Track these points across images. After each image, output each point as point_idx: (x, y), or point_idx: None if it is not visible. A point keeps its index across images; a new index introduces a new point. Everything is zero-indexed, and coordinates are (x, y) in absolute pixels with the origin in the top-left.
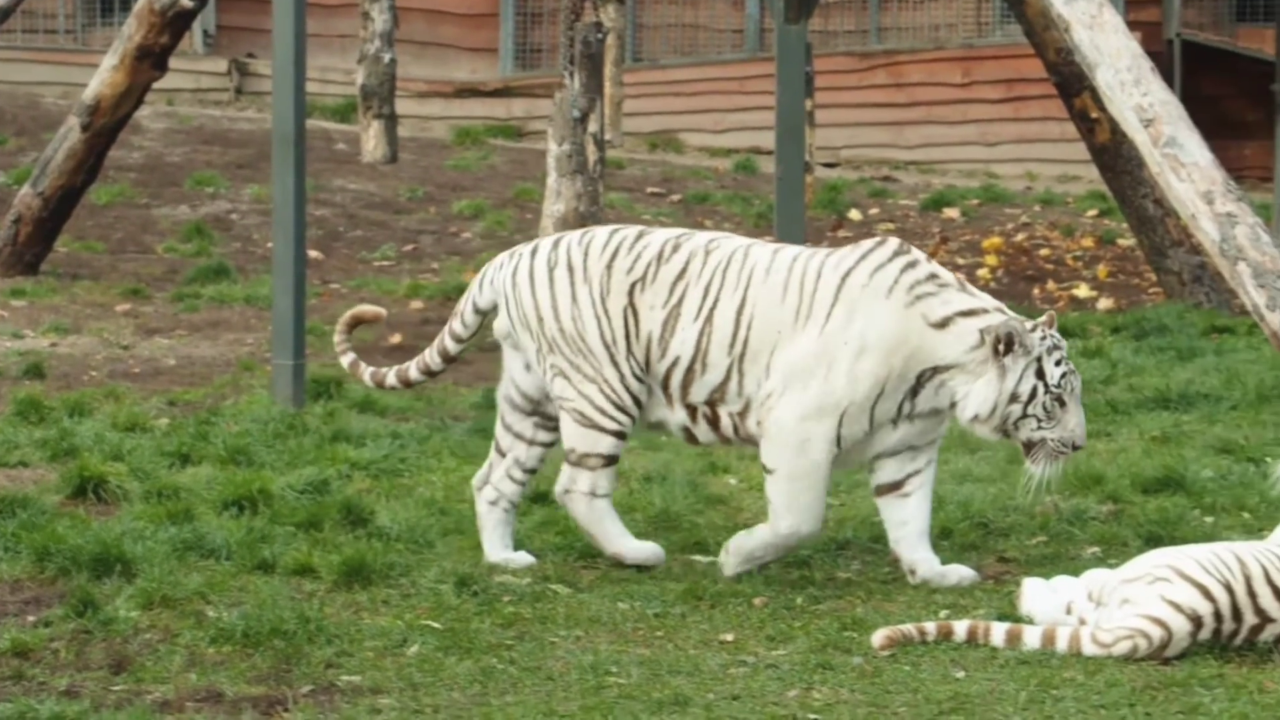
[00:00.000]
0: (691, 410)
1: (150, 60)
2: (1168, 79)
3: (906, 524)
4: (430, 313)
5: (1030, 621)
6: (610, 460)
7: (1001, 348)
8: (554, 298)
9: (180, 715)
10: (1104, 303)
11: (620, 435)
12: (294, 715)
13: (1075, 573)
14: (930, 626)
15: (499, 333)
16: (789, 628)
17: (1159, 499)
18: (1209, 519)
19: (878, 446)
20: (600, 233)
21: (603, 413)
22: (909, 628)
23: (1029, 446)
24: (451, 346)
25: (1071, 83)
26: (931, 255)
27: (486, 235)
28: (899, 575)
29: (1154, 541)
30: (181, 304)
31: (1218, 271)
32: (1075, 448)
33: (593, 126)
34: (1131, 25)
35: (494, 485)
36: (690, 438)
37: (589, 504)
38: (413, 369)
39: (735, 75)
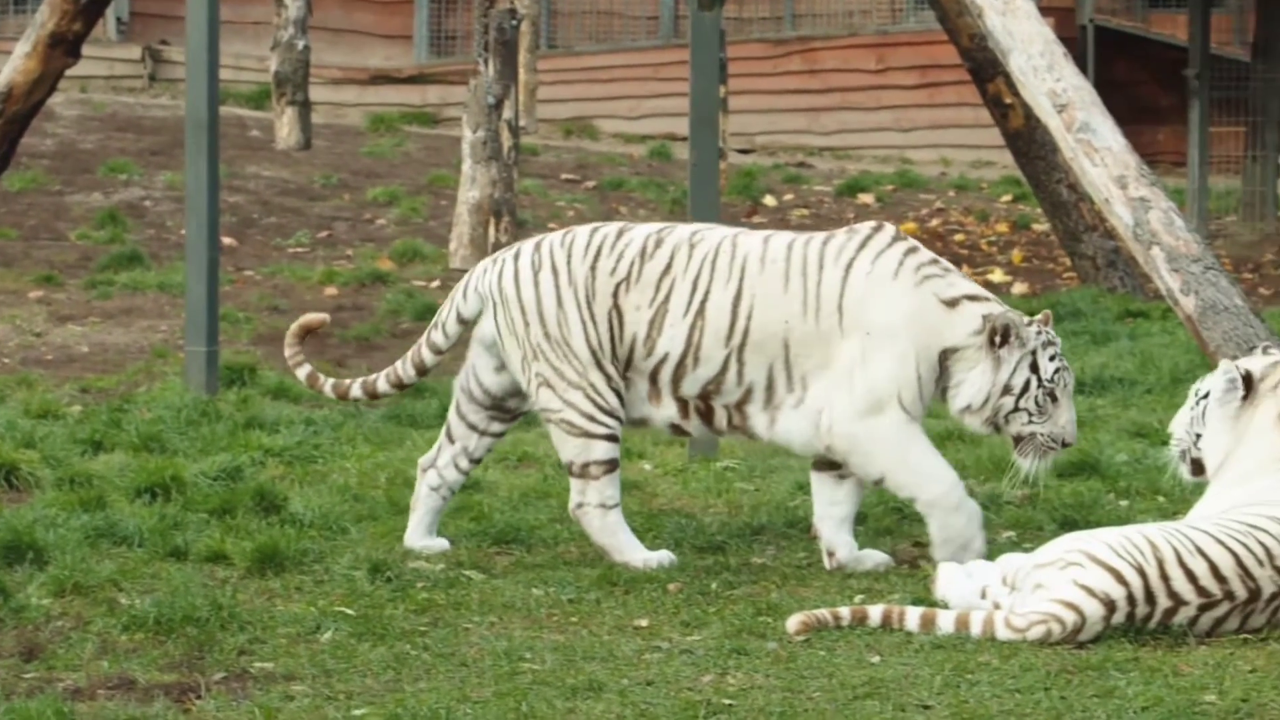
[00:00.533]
0: (683, 404)
1: (63, 47)
2: (1081, 65)
3: (837, 505)
4: (344, 299)
5: (945, 606)
6: (611, 465)
7: (998, 339)
8: (539, 302)
9: (92, 703)
10: (1018, 288)
11: (612, 439)
12: (206, 703)
13: (990, 557)
14: (845, 611)
15: (483, 340)
16: (704, 613)
17: (1074, 483)
18: (1123, 502)
19: None
20: (581, 232)
21: (591, 419)
22: (824, 613)
23: (1018, 441)
24: (429, 359)
25: (985, 69)
26: None
27: (401, 222)
28: (814, 560)
29: (1068, 525)
30: (95, 291)
31: (1132, 256)
32: (1065, 444)
33: (507, 113)
34: (1044, 11)
35: (439, 471)
36: (678, 432)
37: (603, 518)
38: (381, 381)
39: (650, 62)
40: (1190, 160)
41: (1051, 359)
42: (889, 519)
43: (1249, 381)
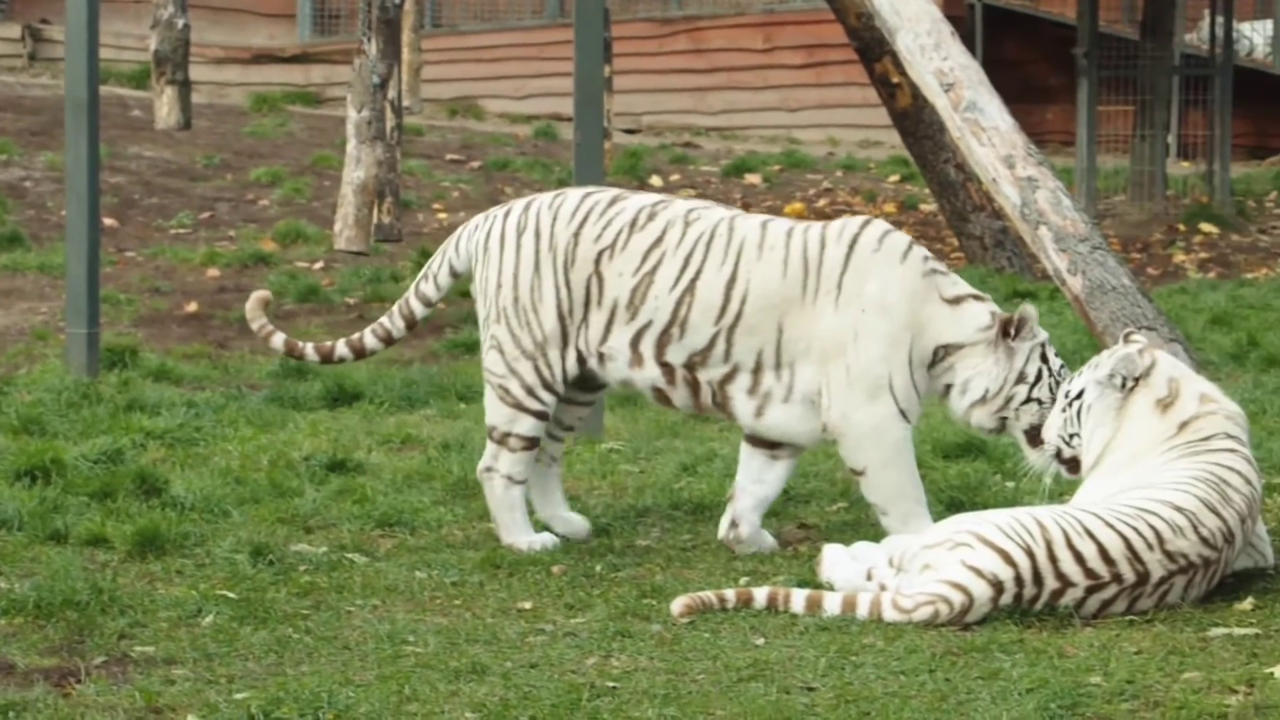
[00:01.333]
0: (668, 370)
1: None
2: (969, 44)
3: (761, 485)
4: (227, 280)
5: (831, 588)
6: (531, 443)
7: (1013, 330)
8: (517, 264)
9: None
10: None
11: (542, 416)
12: (87, 687)
13: (876, 539)
14: (730, 594)
15: None
16: (588, 595)
17: (960, 464)
18: (1010, 484)
19: None
20: (572, 196)
21: (530, 393)
22: (708, 595)
23: (1030, 435)
24: (418, 309)
25: (872, 48)
26: None
27: (284, 203)
28: (699, 542)
29: (956, 507)
30: None
31: (1019, 236)
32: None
33: (391, 93)
34: None
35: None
36: (662, 398)
37: (505, 489)
38: (369, 336)
39: (535, 41)
40: (1079, 139)
41: (1055, 354)
42: (775, 501)
43: (1131, 377)
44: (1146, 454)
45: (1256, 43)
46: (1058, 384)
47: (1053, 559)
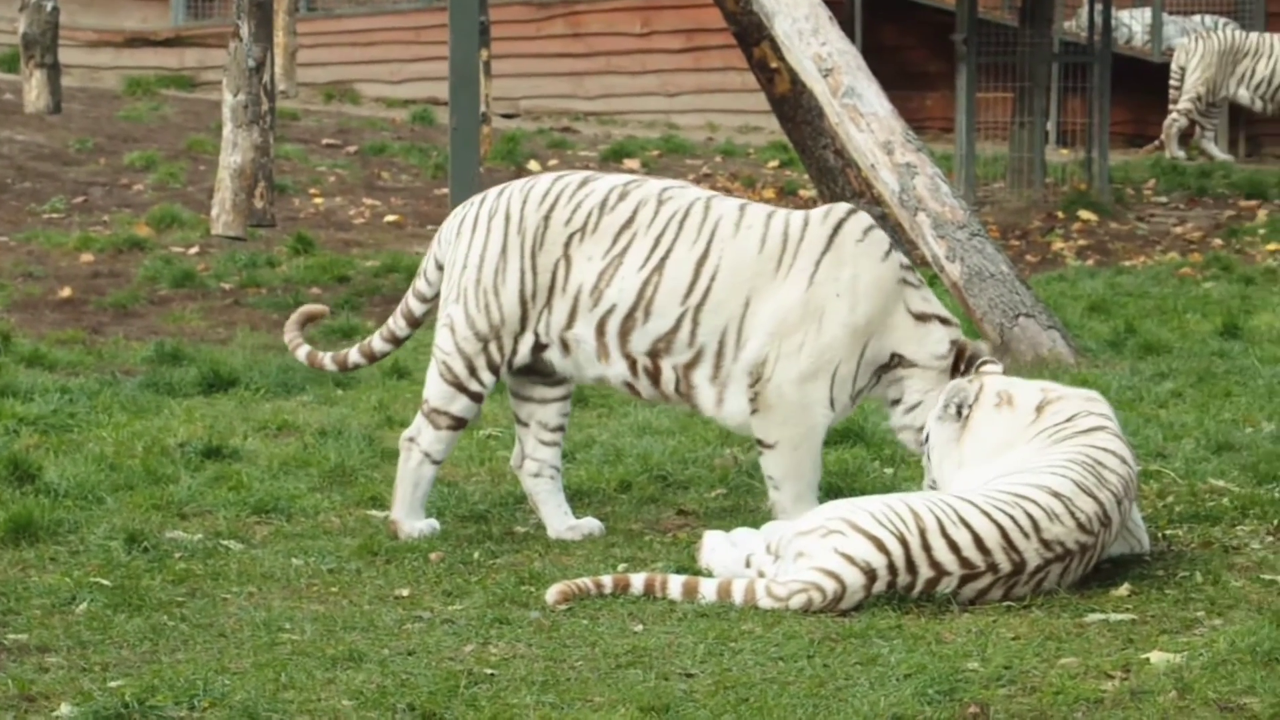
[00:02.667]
0: (632, 362)
1: None
2: (849, 29)
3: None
4: (101, 266)
5: (709, 574)
6: (459, 424)
7: (963, 366)
8: (485, 247)
9: None
10: None
11: (478, 399)
12: None
13: (755, 525)
14: (608, 580)
15: None
16: (466, 583)
17: (838, 451)
18: (888, 470)
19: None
20: (543, 180)
21: (472, 374)
22: (586, 581)
23: None
24: (417, 308)
25: (751, 32)
26: None
27: (158, 187)
28: None
29: (833, 493)
30: None
31: (898, 222)
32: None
33: (266, 77)
34: None
35: (530, 458)
36: (633, 391)
37: (420, 464)
38: (376, 341)
39: (411, 25)
40: (958, 126)
41: None
42: (653, 487)
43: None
44: (1015, 444)
45: (1135, 30)
46: None
47: (927, 547)
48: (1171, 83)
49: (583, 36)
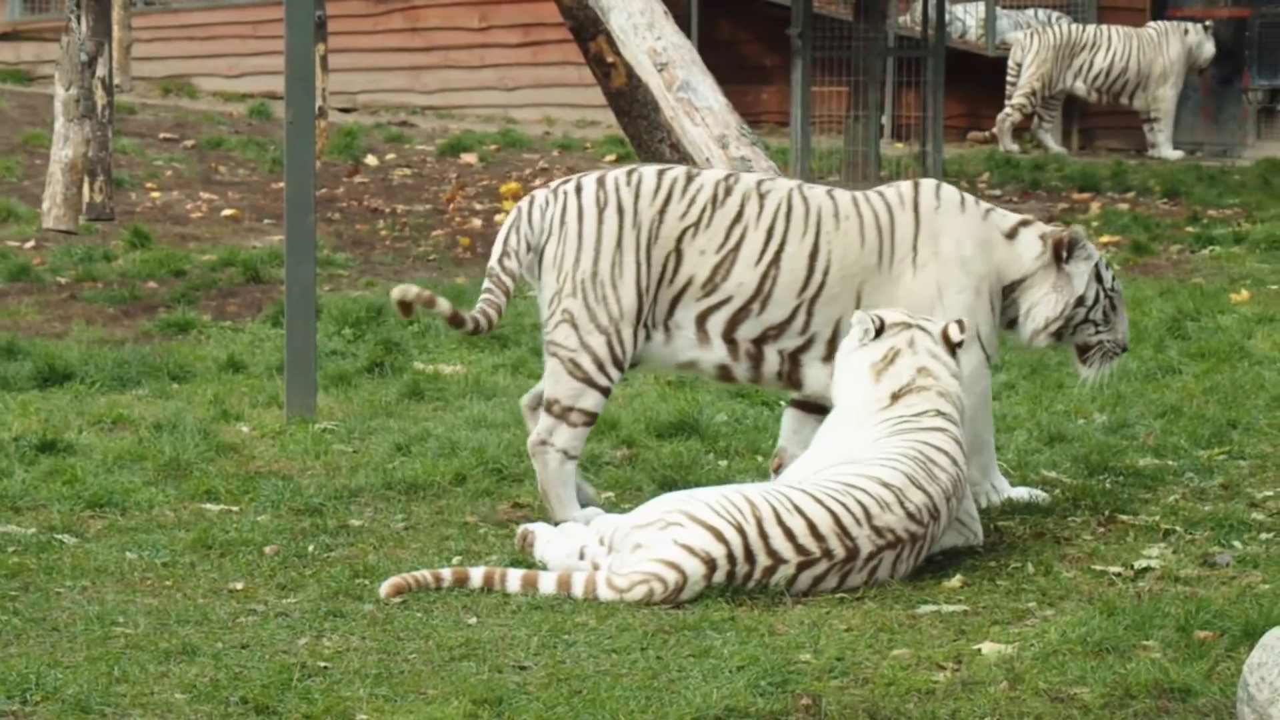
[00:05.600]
0: (733, 346)
1: None
2: (684, 24)
3: (798, 433)
4: None
5: (544, 567)
6: (591, 419)
7: (1065, 253)
8: (599, 239)
9: None
10: None
11: (607, 392)
12: None
13: (586, 519)
14: (446, 573)
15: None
16: (300, 576)
17: (673, 443)
18: (723, 462)
19: None
20: (648, 174)
21: (600, 368)
22: (423, 574)
23: (1083, 350)
24: (510, 284)
25: (587, 27)
26: (448, 200)
27: None
28: (412, 523)
29: (668, 485)
30: None
31: None
32: (1124, 349)
33: (101, 70)
34: None
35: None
36: (725, 375)
37: (560, 464)
38: (490, 311)
39: (249, 19)
40: (793, 120)
41: (1107, 267)
42: (488, 480)
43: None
44: (860, 423)
45: (969, 24)
46: (1110, 303)
47: (764, 535)
48: (1008, 78)
49: (421, 31)
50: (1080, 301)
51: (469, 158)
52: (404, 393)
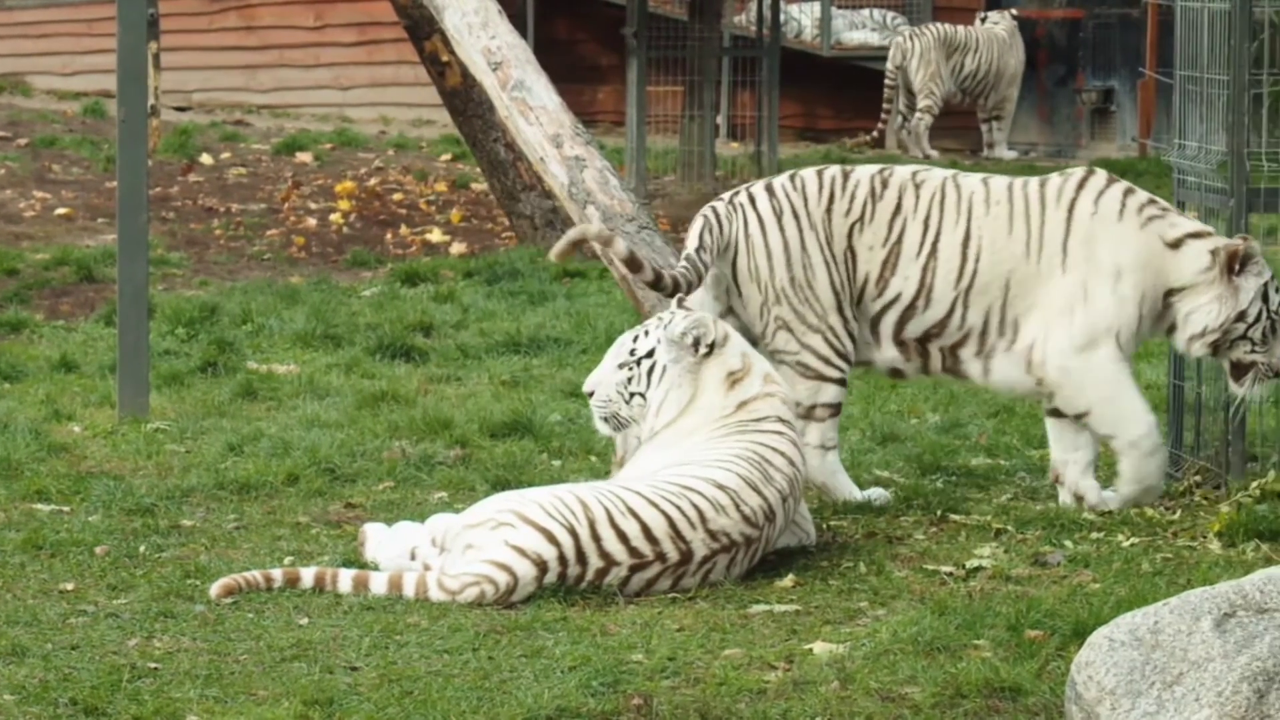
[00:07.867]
0: (903, 347)
1: None
2: (519, 23)
3: (1079, 451)
4: None
5: (375, 568)
6: (836, 409)
7: (1237, 266)
8: (785, 246)
9: None
10: (457, 247)
11: (842, 383)
12: None
13: (421, 518)
14: (277, 573)
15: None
16: (131, 576)
17: (507, 443)
18: (556, 462)
19: None
20: (809, 175)
21: (827, 362)
22: (254, 575)
23: (1237, 368)
24: (704, 271)
25: (422, 26)
26: (284, 200)
27: None
28: (244, 523)
29: (501, 485)
30: None
31: (569, 215)
32: (1278, 374)
33: None
34: None
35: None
36: (897, 374)
37: (822, 458)
38: (691, 277)
39: (84, 17)
40: (629, 120)
41: (1277, 290)
42: (321, 480)
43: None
44: (701, 429)
45: (804, 25)
46: (1274, 327)
47: (596, 537)
48: (887, 81)
49: (256, 29)
50: (1241, 316)
51: (304, 157)
52: (237, 392)
